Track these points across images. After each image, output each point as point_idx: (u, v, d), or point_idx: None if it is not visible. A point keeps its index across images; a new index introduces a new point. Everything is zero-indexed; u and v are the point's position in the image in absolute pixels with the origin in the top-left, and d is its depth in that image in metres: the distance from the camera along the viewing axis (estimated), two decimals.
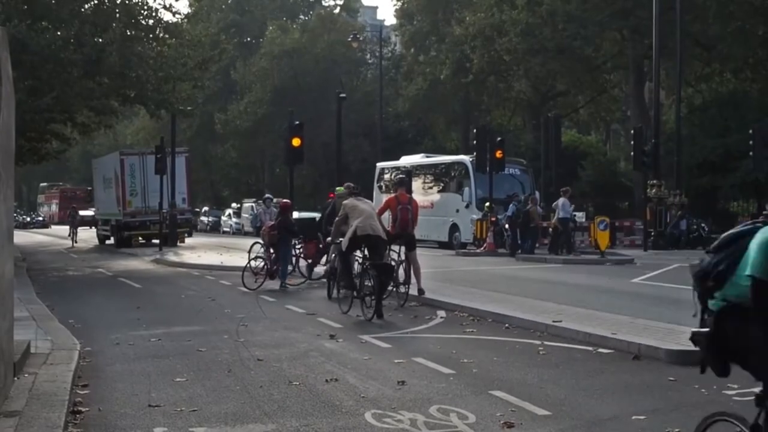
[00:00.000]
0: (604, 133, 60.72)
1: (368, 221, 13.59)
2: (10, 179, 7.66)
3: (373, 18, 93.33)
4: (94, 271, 25.72)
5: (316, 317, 13.37)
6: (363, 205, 14.03)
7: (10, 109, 7.60)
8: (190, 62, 29.55)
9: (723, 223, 35.75)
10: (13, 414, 6.69)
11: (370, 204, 14.61)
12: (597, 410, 7.25)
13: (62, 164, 78.73)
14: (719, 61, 40.76)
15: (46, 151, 36.72)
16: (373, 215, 13.94)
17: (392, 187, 16.21)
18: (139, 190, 37.77)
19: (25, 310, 13.41)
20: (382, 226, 14.03)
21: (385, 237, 13.89)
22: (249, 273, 18.40)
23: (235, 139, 65.90)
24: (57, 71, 24.80)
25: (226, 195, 77.37)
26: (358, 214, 13.68)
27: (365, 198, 15.32)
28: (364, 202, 14.29)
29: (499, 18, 42.09)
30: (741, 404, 7.30)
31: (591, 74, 45.00)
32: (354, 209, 13.89)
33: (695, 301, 4.49)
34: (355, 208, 13.89)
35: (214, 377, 8.78)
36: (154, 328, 12.42)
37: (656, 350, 9.37)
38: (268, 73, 61.56)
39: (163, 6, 29.34)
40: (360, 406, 7.42)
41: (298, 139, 23.19)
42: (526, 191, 31.82)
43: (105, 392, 8.20)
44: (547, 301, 13.94)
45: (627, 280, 18.14)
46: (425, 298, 14.85)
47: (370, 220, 13.65)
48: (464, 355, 9.76)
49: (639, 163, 30.47)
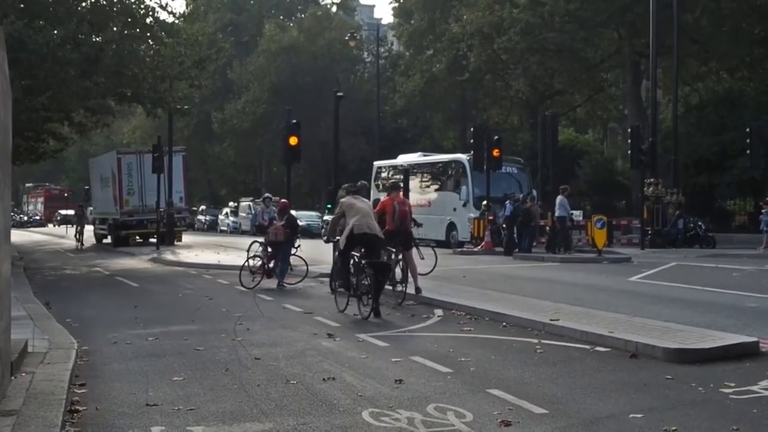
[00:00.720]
0: (601, 132, 60.73)
1: (365, 219, 13.60)
2: (7, 178, 7.64)
3: (369, 17, 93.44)
4: (91, 270, 25.70)
5: (314, 316, 13.37)
6: (360, 204, 13.99)
7: (7, 108, 7.59)
8: (186, 61, 29.53)
9: (720, 222, 35.93)
10: (11, 413, 6.68)
11: (367, 203, 14.56)
12: (594, 408, 7.25)
13: (59, 163, 78.82)
14: (716, 60, 40.83)
15: (43, 150, 36.71)
16: (370, 214, 13.96)
17: (387, 191, 16.70)
18: (137, 189, 37.77)
19: (23, 309, 13.41)
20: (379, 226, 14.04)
21: (381, 236, 13.93)
22: (246, 272, 18.41)
23: (232, 138, 65.94)
24: (54, 70, 24.76)
25: (224, 194, 77.42)
26: (355, 213, 13.68)
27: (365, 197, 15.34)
28: (361, 201, 14.22)
29: (498, 16, 42.12)
30: (737, 402, 7.32)
31: (588, 73, 45.08)
32: (351, 208, 13.86)
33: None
34: (352, 207, 13.86)
35: (211, 376, 8.77)
36: (151, 327, 12.41)
37: (653, 348, 9.37)
38: (266, 72, 61.58)
39: (160, 5, 29.16)
40: (357, 405, 7.42)
41: (295, 137, 23.18)
42: (524, 190, 31.83)
43: (102, 391, 8.19)
44: (545, 300, 13.94)
45: (624, 279, 18.16)
46: (423, 297, 14.86)
47: (366, 218, 13.67)
48: (462, 353, 9.76)
49: (636, 161, 30.49)
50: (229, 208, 60.94)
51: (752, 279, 18.15)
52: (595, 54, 43.26)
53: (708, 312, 12.58)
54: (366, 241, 13.62)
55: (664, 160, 33.80)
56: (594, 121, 55.13)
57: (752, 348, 9.38)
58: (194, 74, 30.57)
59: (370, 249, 13.68)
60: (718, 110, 38.27)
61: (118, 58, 25.89)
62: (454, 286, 16.89)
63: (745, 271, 19.73)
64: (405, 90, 52.97)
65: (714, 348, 9.26)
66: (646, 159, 30.23)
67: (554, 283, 17.74)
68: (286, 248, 18.64)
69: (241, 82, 64.66)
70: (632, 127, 31.50)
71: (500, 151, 29.51)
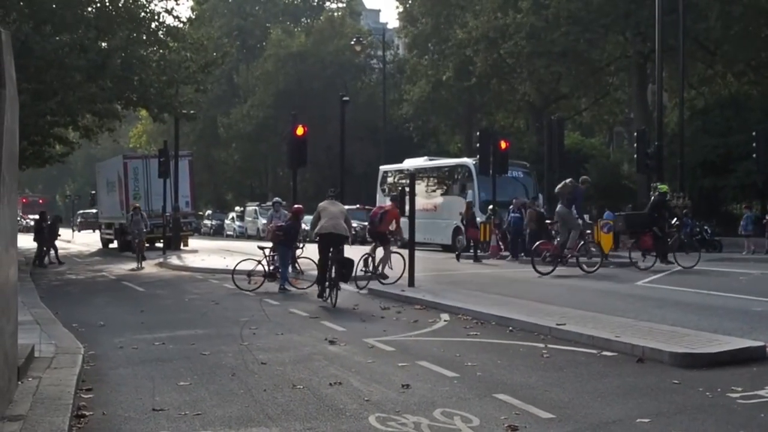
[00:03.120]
0: (607, 136, 60.68)
1: (332, 221, 15.82)
2: (14, 183, 7.64)
3: (375, 21, 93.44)
4: (97, 275, 25.75)
5: (320, 320, 13.38)
6: (332, 208, 16.20)
7: (14, 113, 7.59)
8: (192, 66, 29.59)
9: (726, 226, 35.80)
10: (18, 418, 6.69)
11: (340, 206, 16.59)
12: (601, 413, 7.23)
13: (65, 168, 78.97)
14: (722, 64, 40.76)
15: (50, 154, 36.81)
16: (339, 216, 16.05)
17: (395, 200, 19.93)
18: (143, 193, 37.84)
19: (29, 314, 13.44)
20: (349, 227, 16.31)
21: (346, 235, 16.05)
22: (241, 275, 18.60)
23: (238, 142, 66.01)
24: (60, 75, 24.84)
25: (230, 198, 77.49)
26: (327, 215, 15.98)
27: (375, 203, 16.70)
28: (334, 205, 16.38)
29: (503, 21, 42.13)
30: (745, 407, 7.30)
31: (594, 76, 45.07)
32: (324, 210, 16.15)
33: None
34: (325, 210, 16.15)
35: (218, 381, 8.77)
36: (157, 332, 12.43)
37: (660, 353, 9.34)
38: (273, 77, 61.62)
39: (166, 10, 29.26)
40: (364, 410, 7.42)
41: (301, 128, 23.15)
42: (530, 194, 31.81)
43: (109, 396, 8.20)
44: (551, 304, 13.92)
45: (630, 283, 18.12)
46: (429, 301, 14.90)
47: (334, 220, 15.87)
48: (468, 358, 9.75)
49: (642, 165, 30.44)
50: (236, 213, 61.03)
51: (759, 283, 18.11)
52: (600, 57, 43.24)
53: (714, 316, 12.55)
54: (331, 240, 15.83)
55: (669, 163, 33.74)
56: (600, 125, 55.09)
57: (759, 352, 9.35)
58: (200, 78, 30.65)
59: (335, 247, 15.90)
60: (724, 114, 38.18)
61: (125, 63, 25.97)
62: (460, 290, 16.89)
63: (752, 275, 19.68)
64: (412, 97, 52.98)
65: (721, 352, 9.24)
66: (652, 163, 30.17)
67: (560, 287, 17.72)
68: (281, 252, 18.65)
69: (247, 86, 64.75)
70: (638, 131, 31.46)
71: (508, 143, 29.59)
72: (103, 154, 70.97)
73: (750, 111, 37.14)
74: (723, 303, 14.35)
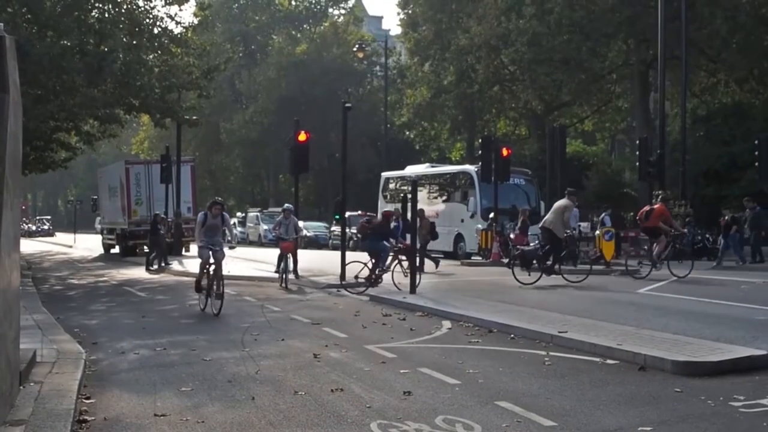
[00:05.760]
0: (609, 144, 60.72)
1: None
2: (17, 188, 7.65)
3: (378, 28, 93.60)
4: (98, 280, 25.74)
5: (321, 327, 13.37)
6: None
7: (17, 117, 7.60)
8: (195, 71, 29.60)
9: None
10: (20, 423, 6.69)
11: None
12: (603, 421, 7.22)
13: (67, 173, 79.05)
14: (724, 72, 40.76)
15: (52, 159, 36.82)
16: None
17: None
18: (145, 199, 37.86)
19: (31, 319, 13.44)
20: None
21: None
22: None
23: (240, 148, 66.06)
24: (60, 79, 24.84)
25: (231, 204, 77.52)
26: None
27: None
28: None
29: (506, 27, 42.17)
30: (747, 416, 7.29)
31: (596, 84, 45.09)
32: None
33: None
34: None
35: (219, 387, 8.77)
36: (159, 337, 12.43)
37: (662, 361, 9.32)
38: (275, 83, 61.70)
39: (168, 15, 29.30)
40: (365, 417, 7.41)
41: (303, 134, 23.26)
42: (532, 202, 31.81)
43: (110, 401, 8.20)
44: (552, 312, 13.91)
45: (632, 291, 18.11)
46: (430, 309, 14.95)
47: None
48: (470, 365, 9.74)
49: (644, 173, 30.42)
50: (237, 219, 60.99)
51: (761, 292, 18.08)
52: (602, 65, 43.27)
53: (716, 324, 12.52)
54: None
55: (671, 171, 33.72)
56: (602, 132, 55.12)
57: (762, 361, 9.32)
58: (203, 84, 30.65)
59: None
60: (727, 122, 38.18)
61: (125, 68, 25.93)
62: (462, 297, 16.89)
63: (754, 284, 19.65)
64: (412, 102, 53.00)
65: (723, 361, 9.22)
66: (654, 171, 30.16)
67: (562, 295, 17.70)
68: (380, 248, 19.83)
69: (249, 92, 64.82)
70: (641, 139, 31.45)
71: (510, 150, 29.65)
72: (105, 160, 71.08)
73: (752, 119, 37.15)
74: (725, 312, 14.32)
